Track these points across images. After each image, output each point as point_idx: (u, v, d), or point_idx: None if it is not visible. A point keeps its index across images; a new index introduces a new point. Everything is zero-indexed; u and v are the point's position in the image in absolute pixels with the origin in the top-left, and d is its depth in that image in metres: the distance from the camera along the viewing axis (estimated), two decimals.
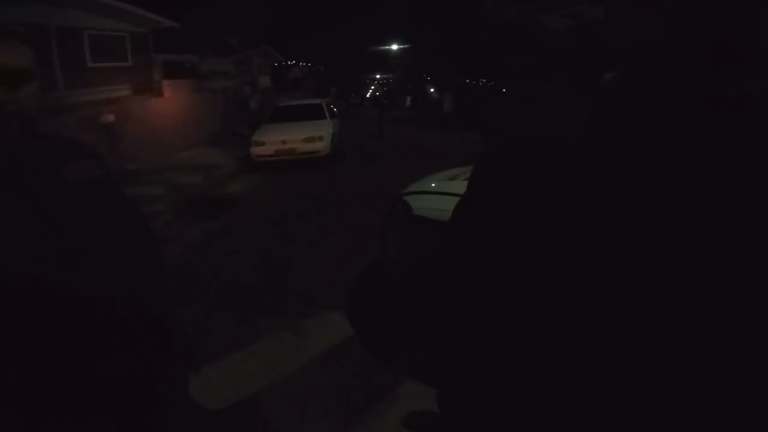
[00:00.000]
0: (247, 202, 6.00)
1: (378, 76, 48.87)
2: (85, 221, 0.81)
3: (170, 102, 9.87)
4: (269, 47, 22.50)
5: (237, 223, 5.09)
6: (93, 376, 0.78)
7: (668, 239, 0.38)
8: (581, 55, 10.65)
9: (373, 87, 49.34)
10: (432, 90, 26.31)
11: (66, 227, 0.78)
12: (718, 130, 0.37)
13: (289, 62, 27.56)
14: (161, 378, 0.92)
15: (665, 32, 0.38)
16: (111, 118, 7.12)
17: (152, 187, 6.45)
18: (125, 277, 0.86)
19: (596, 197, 0.41)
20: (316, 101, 10.32)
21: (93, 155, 0.93)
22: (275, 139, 8.05)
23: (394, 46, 29.71)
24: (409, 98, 30.63)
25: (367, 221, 4.41)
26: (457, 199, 0.57)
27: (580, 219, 0.42)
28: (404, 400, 2.00)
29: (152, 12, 10.38)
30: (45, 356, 0.74)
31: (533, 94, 12.29)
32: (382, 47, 30.31)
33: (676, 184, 0.38)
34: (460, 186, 2.41)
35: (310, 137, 8.06)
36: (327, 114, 9.32)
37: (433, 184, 2.75)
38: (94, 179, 0.88)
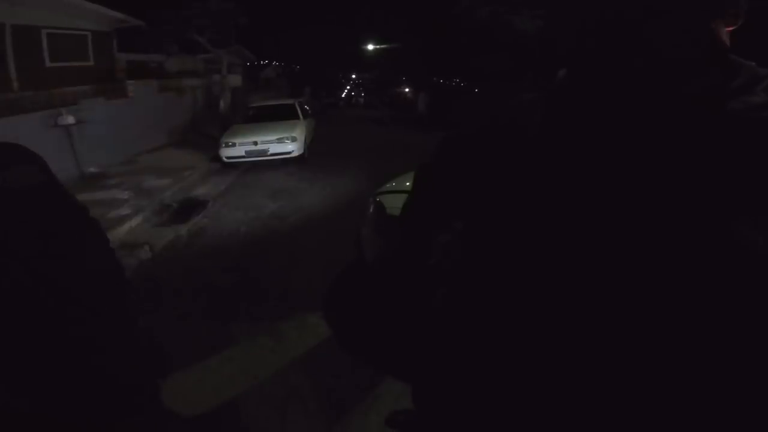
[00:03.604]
0: (217, 205, 5.87)
1: (354, 76, 48.66)
2: (26, 229, 0.78)
3: (135, 102, 9.52)
4: (240, 46, 21.97)
5: (208, 226, 4.97)
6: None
7: (610, 215, 0.42)
8: (547, 56, 10.95)
9: (348, 87, 49.07)
10: (407, 90, 26.48)
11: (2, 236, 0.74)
12: (648, 121, 0.42)
13: (261, 61, 27.03)
14: (128, 388, 0.89)
15: (593, 42, 0.46)
16: (71, 119, 6.79)
17: (117, 191, 6.21)
18: (76, 285, 0.83)
19: (551, 178, 0.45)
20: (289, 101, 10.17)
21: (33, 160, 0.88)
22: (246, 140, 7.89)
23: (370, 46, 29.64)
24: (386, 98, 30.78)
25: (342, 221, 4.40)
26: None
27: (538, 199, 0.46)
28: (386, 399, 2.00)
29: (117, 10, 9.98)
30: None
31: (503, 94, 12.51)
32: (358, 47, 30.18)
33: (621, 168, 0.42)
34: None
35: (283, 138, 7.94)
36: (300, 114, 9.20)
37: (406, 183, 2.77)
38: (35, 185, 0.84)
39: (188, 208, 5.71)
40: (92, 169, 7.29)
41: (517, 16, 11.91)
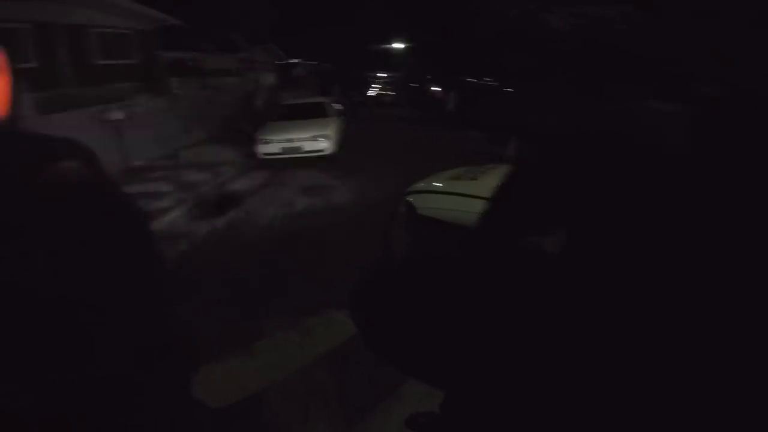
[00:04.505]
0: (253, 200, 6.02)
1: (382, 75, 48.71)
2: (67, 224, 0.79)
3: (176, 99, 9.90)
4: (273, 45, 22.49)
5: (243, 220, 5.11)
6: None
7: None
8: (581, 55, 10.56)
9: (377, 85, 49.12)
10: (436, 89, 26.28)
11: (42, 232, 0.76)
12: None
13: (292, 60, 27.51)
14: (157, 380, 0.90)
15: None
16: (119, 114, 7.15)
17: (159, 184, 6.49)
18: (112, 278, 0.84)
19: (691, 204, 0.41)
20: (321, 100, 10.30)
21: (83, 154, 0.90)
22: (281, 138, 8.06)
23: (398, 45, 29.57)
24: (414, 97, 30.61)
25: (372, 220, 4.41)
26: (463, 198, 0.57)
27: (668, 221, 0.42)
28: (408, 399, 2.00)
29: (157, 10, 10.43)
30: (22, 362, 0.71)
31: (535, 93, 12.20)
32: (386, 46, 30.19)
33: None
34: (465, 185, 2.40)
35: (315, 136, 8.06)
36: (332, 112, 9.32)
37: (438, 184, 2.74)
38: (82, 179, 0.85)
39: (225, 202, 5.89)
40: (138, 163, 7.65)
41: (551, 15, 11.62)
